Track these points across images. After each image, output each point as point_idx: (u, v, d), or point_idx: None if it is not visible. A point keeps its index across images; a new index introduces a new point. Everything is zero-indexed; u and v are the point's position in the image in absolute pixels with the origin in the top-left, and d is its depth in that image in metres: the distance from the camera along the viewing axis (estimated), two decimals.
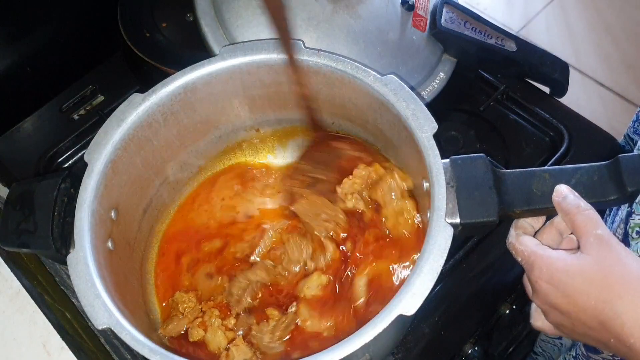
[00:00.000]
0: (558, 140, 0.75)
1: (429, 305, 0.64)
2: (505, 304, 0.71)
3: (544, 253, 0.48)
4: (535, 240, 0.50)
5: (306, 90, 0.59)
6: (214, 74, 0.59)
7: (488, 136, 0.77)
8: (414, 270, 0.46)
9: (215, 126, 0.65)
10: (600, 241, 0.45)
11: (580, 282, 0.44)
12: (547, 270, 0.46)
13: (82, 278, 0.48)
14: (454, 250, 0.67)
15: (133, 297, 0.58)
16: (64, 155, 0.79)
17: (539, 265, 0.47)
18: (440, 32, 0.73)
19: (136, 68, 0.83)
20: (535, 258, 0.48)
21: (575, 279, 0.45)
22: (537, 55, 0.79)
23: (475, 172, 0.50)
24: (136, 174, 0.59)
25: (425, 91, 0.73)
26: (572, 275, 0.45)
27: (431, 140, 0.51)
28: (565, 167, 0.51)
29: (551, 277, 0.46)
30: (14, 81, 0.82)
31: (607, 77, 1.74)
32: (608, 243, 0.45)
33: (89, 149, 0.54)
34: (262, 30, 0.67)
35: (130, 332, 0.46)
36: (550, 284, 0.46)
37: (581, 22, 1.88)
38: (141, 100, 0.57)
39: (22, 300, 0.61)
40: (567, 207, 0.48)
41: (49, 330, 0.59)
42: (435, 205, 0.48)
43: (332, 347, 0.44)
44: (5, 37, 0.79)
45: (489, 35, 0.76)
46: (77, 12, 0.85)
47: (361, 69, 0.56)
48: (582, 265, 0.45)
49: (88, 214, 0.51)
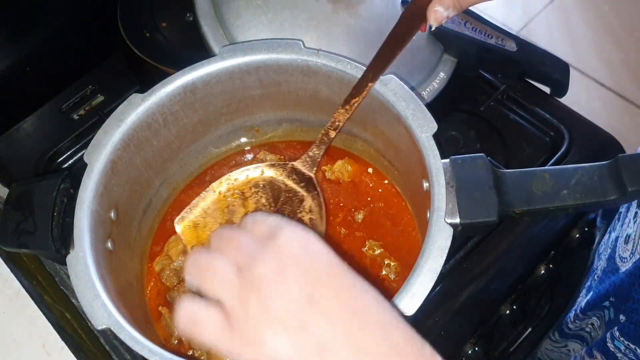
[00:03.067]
0: (558, 140, 0.75)
1: (429, 306, 0.64)
2: (505, 304, 0.71)
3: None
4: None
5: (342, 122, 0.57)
6: (213, 74, 0.59)
7: (488, 136, 0.77)
8: (413, 270, 0.46)
9: (214, 126, 0.65)
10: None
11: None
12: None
13: (81, 278, 0.48)
14: (454, 251, 0.67)
15: (133, 297, 0.58)
16: (63, 155, 0.79)
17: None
18: (440, 32, 0.73)
19: (136, 68, 0.83)
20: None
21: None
22: (538, 55, 0.79)
23: (475, 172, 0.50)
24: (136, 174, 0.59)
25: (425, 91, 0.73)
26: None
27: (431, 140, 0.51)
28: (566, 167, 0.51)
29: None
30: (14, 81, 0.82)
31: (608, 77, 1.74)
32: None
33: (88, 149, 0.54)
34: (262, 30, 0.67)
35: (130, 333, 0.45)
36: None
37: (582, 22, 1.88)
38: (141, 101, 0.57)
39: (22, 301, 0.61)
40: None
41: (48, 331, 0.59)
42: (435, 206, 0.48)
43: None
44: (5, 37, 0.79)
45: (489, 35, 0.76)
46: (77, 12, 0.85)
47: (361, 69, 0.56)
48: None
49: (87, 214, 0.51)
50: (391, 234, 0.63)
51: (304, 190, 0.59)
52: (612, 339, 0.59)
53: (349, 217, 0.64)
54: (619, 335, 0.58)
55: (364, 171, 0.67)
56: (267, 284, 0.35)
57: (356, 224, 0.64)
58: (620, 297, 0.59)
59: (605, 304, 0.63)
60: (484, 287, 0.67)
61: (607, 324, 0.63)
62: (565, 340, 0.77)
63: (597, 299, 0.64)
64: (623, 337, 0.57)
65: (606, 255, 0.69)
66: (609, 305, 0.62)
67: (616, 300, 0.61)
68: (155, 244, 0.65)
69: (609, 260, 0.67)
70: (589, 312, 0.67)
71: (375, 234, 0.63)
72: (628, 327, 0.57)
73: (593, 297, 0.66)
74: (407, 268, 0.50)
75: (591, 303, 0.66)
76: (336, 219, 0.64)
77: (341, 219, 0.64)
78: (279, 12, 0.67)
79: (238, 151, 0.70)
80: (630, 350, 0.57)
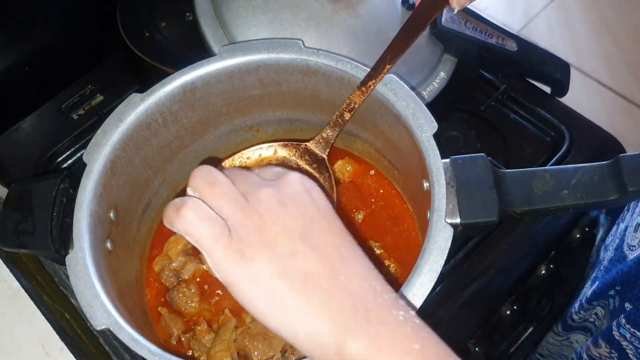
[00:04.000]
0: (559, 140, 0.75)
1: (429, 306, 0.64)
2: (506, 305, 0.71)
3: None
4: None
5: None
6: (213, 73, 0.59)
7: (488, 136, 0.77)
8: (413, 270, 0.46)
9: (214, 126, 0.65)
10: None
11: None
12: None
13: (81, 278, 0.48)
14: (454, 251, 0.67)
15: (132, 297, 0.58)
16: (63, 155, 0.79)
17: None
18: (441, 32, 0.73)
19: (135, 68, 0.83)
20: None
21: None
22: (538, 55, 0.79)
23: (476, 172, 0.50)
24: (135, 174, 0.59)
25: (425, 91, 0.73)
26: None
27: (431, 140, 0.51)
28: (566, 167, 0.50)
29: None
30: (13, 81, 0.82)
31: (608, 76, 1.74)
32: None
33: (87, 149, 0.54)
34: (262, 30, 0.67)
35: (129, 333, 0.45)
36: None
37: (582, 21, 1.88)
38: (140, 100, 0.57)
39: (21, 301, 0.60)
40: None
41: (48, 331, 0.59)
42: (435, 206, 0.48)
43: None
44: (5, 37, 0.79)
45: (489, 34, 0.75)
46: (76, 12, 0.85)
47: (361, 69, 0.56)
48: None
49: (87, 215, 0.51)
50: (391, 234, 0.63)
51: (316, 172, 0.58)
52: (617, 327, 0.59)
53: (349, 217, 0.64)
54: (625, 323, 0.58)
55: (364, 171, 0.67)
56: (267, 209, 0.38)
57: (356, 224, 0.64)
58: (627, 285, 0.60)
59: (610, 293, 0.63)
60: (485, 287, 0.67)
61: (611, 312, 0.63)
62: (568, 333, 0.77)
63: (603, 288, 0.65)
64: (629, 324, 0.57)
65: (614, 245, 0.69)
66: (614, 294, 0.62)
67: (622, 289, 0.61)
68: (154, 244, 0.65)
69: (616, 250, 0.67)
70: (594, 302, 0.68)
71: (376, 234, 0.63)
72: (634, 315, 0.57)
73: (599, 286, 0.66)
74: (407, 268, 0.49)
75: (597, 292, 0.66)
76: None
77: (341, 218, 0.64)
78: (279, 12, 0.66)
79: (238, 151, 0.70)
80: (636, 338, 0.57)
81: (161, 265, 0.62)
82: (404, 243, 0.62)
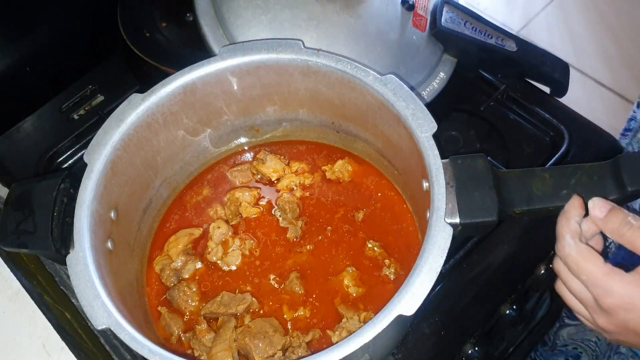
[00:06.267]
0: (558, 140, 0.75)
1: (429, 306, 0.64)
2: (505, 305, 0.71)
3: (623, 278, 0.45)
4: (601, 259, 0.46)
5: None
6: (213, 74, 0.59)
7: (488, 136, 0.77)
8: (413, 270, 0.46)
9: (214, 126, 0.65)
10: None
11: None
12: (630, 300, 0.45)
13: (81, 278, 0.48)
14: (453, 251, 0.67)
15: (132, 297, 0.58)
16: (63, 155, 0.79)
17: (618, 292, 0.45)
18: (441, 32, 0.73)
19: (136, 68, 0.83)
20: (614, 284, 0.45)
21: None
22: (538, 55, 0.79)
23: (475, 172, 0.50)
24: (136, 174, 0.59)
25: (425, 91, 0.73)
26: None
27: (431, 140, 0.51)
28: (566, 166, 0.50)
29: (633, 306, 0.45)
30: (14, 81, 0.82)
31: (608, 76, 1.74)
32: None
33: (88, 149, 0.54)
34: (262, 30, 0.67)
35: (130, 332, 0.46)
36: (631, 312, 0.45)
37: (581, 22, 1.88)
38: (141, 100, 0.57)
39: (22, 301, 0.61)
40: (618, 228, 0.46)
41: (48, 331, 0.59)
42: (435, 205, 0.48)
43: (332, 347, 0.44)
44: (5, 37, 0.79)
45: (489, 35, 0.76)
46: (77, 12, 0.85)
47: (361, 69, 0.56)
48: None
49: (87, 215, 0.51)
50: (391, 234, 0.63)
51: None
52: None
53: (349, 217, 0.64)
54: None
55: (364, 171, 0.67)
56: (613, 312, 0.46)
57: (356, 224, 0.64)
58: (635, 263, 0.60)
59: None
60: (484, 287, 0.67)
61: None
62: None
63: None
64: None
65: (616, 244, 0.69)
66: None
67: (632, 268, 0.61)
68: (155, 244, 0.65)
69: (619, 249, 0.67)
70: None
71: (375, 234, 0.63)
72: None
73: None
74: (407, 268, 0.50)
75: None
76: (336, 219, 0.64)
77: (341, 218, 0.64)
78: (279, 12, 0.67)
79: (238, 151, 0.70)
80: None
81: (161, 265, 0.62)
82: (403, 242, 0.62)
